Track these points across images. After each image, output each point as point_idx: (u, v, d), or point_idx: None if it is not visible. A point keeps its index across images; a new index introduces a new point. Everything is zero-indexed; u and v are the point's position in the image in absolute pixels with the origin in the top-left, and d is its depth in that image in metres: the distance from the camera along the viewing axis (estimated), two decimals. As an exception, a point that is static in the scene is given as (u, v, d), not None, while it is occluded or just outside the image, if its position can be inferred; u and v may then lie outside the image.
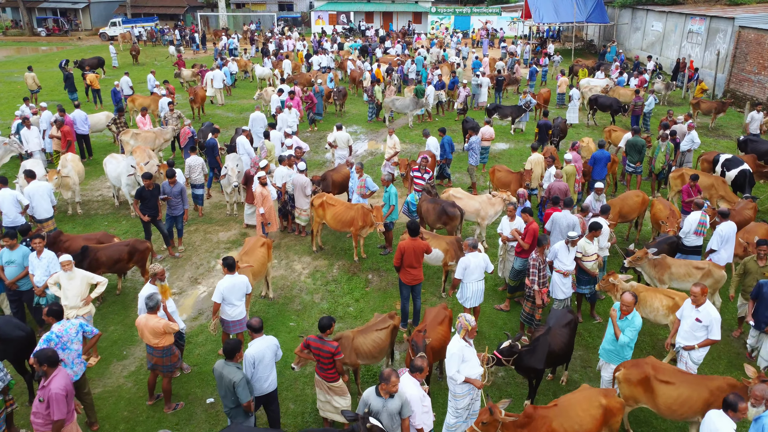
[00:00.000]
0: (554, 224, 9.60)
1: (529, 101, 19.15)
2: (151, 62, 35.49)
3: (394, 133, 14.60)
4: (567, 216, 9.55)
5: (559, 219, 9.56)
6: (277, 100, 19.23)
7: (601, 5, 37.39)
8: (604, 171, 12.79)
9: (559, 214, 9.67)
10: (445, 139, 14.33)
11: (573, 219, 9.41)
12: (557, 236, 9.31)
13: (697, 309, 6.83)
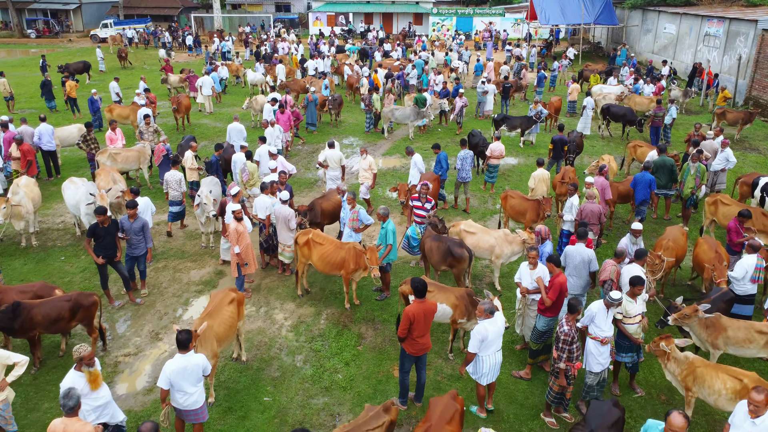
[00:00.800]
0: (566, 259, 8.22)
1: (540, 112, 17.61)
2: (140, 66, 33.98)
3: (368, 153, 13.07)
4: (581, 251, 8.08)
5: (572, 254, 8.16)
6: (270, 110, 17.77)
7: (610, 6, 35.86)
8: (646, 194, 11.26)
9: (572, 248, 8.26)
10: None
11: (587, 254, 8.06)
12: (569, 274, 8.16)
13: (754, 422, 5.17)
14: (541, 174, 12.13)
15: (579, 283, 8.20)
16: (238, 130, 15.78)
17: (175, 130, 19.57)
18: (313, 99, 18.95)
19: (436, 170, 12.78)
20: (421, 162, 12.54)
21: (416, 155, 12.57)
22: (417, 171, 12.33)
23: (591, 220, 10.09)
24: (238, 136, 15.63)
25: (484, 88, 21.18)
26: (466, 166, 12.90)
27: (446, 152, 14.35)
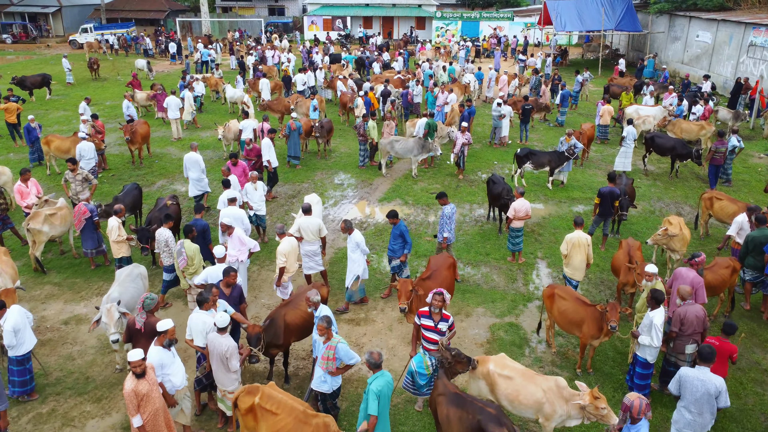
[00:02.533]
0: (683, 388, 5.92)
1: (573, 146, 14.29)
2: (113, 77, 30.71)
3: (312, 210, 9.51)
4: (706, 378, 5.81)
5: (691, 382, 5.85)
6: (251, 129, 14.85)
7: (632, 11, 32.55)
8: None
9: (693, 373, 5.85)
10: (400, 227, 9.16)
11: (715, 383, 5.77)
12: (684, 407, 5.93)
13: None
14: (579, 239, 8.91)
15: (699, 421, 5.97)
16: (194, 162, 12.62)
17: (132, 163, 16.27)
18: (296, 127, 15.65)
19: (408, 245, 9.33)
20: (362, 242, 8.95)
21: (356, 233, 8.98)
22: (359, 255, 8.96)
23: (696, 328, 6.96)
24: (196, 170, 12.45)
25: (500, 111, 17.86)
26: (446, 226, 9.94)
27: (458, 203, 11.11)
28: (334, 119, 21.66)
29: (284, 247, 8.73)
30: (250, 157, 13.42)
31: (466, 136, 14.88)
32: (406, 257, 9.17)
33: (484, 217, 12.90)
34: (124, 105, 18.00)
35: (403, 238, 9.07)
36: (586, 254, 8.94)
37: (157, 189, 14.56)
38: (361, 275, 8.99)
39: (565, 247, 9.08)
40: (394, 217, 9.08)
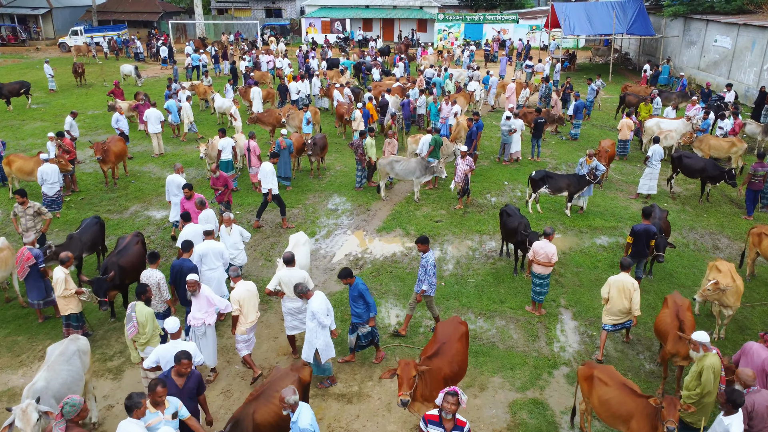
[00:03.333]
0: None
1: (595, 168, 12.77)
2: (99, 84, 29.19)
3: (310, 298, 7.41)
4: None
5: None
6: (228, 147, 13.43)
7: (644, 14, 31.03)
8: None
9: None
10: (357, 284, 7.57)
11: None
12: None
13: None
14: (624, 283, 7.70)
15: None
16: (178, 185, 11.35)
17: (106, 185, 14.75)
18: (286, 145, 14.14)
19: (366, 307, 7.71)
20: (320, 313, 7.14)
21: (314, 301, 7.19)
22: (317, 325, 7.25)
23: (766, 421, 5.50)
24: (179, 193, 11.10)
25: (510, 125, 16.32)
26: (426, 277, 8.21)
27: (465, 234, 9.62)
28: (330, 131, 20.15)
29: (239, 293, 7.39)
30: (216, 186, 11.68)
31: (467, 162, 13.09)
32: (373, 321, 7.61)
33: (495, 252, 11.37)
34: (114, 118, 16.48)
35: (364, 300, 7.48)
36: (631, 301, 7.69)
37: (129, 216, 13.04)
38: (322, 351, 7.29)
39: (606, 290, 7.88)
40: (348, 277, 7.44)
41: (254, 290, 7.57)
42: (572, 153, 17.96)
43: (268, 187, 11.89)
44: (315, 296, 7.18)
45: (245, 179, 14.99)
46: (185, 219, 9.55)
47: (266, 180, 11.87)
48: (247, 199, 13.99)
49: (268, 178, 11.86)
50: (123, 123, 16.55)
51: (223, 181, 11.64)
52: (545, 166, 16.65)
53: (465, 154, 13.10)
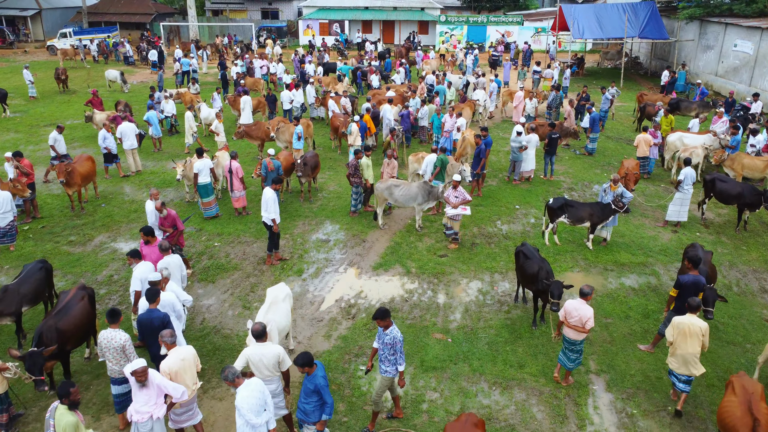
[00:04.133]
0: None
1: (621, 195, 11.24)
2: (83, 90, 27.66)
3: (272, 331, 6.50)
4: None
5: None
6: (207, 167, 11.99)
7: (657, 16, 29.49)
8: None
9: None
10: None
11: None
12: None
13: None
14: (690, 326, 6.97)
15: None
16: (150, 212, 10.17)
17: (71, 210, 13.22)
18: (274, 167, 12.62)
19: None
20: (249, 406, 5.55)
21: (241, 394, 5.60)
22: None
23: None
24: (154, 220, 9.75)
25: (521, 141, 14.79)
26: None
27: (474, 273, 8.16)
28: (324, 143, 18.64)
29: (169, 364, 5.99)
30: (164, 227, 9.94)
31: (458, 195, 11.15)
32: (323, 426, 5.91)
33: (510, 296, 9.86)
34: (101, 136, 14.87)
35: (320, 396, 5.82)
36: (701, 344, 6.90)
37: (92, 248, 11.52)
38: None
39: (671, 332, 7.09)
40: (307, 365, 5.77)
41: (191, 357, 6.14)
42: (588, 170, 16.44)
43: (270, 216, 10.42)
44: (244, 385, 5.58)
45: (227, 203, 13.46)
46: (133, 256, 8.07)
47: (268, 209, 10.40)
48: (228, 227, 12.47)
49: (270, 207, 10.39)
50: (110, 141, 14.98)
51: (171, 221, 9.85)
52: (559, 185, 15.14)
53: (456, 184, 11.31)
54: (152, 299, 7.02)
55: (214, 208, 12.88)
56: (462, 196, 11.20)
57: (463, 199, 11.20)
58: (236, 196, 12.80)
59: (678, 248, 11.59)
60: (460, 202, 11.19)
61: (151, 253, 8.44)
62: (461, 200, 11.19)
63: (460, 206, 11.16)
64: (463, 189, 11.34)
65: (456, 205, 11.14)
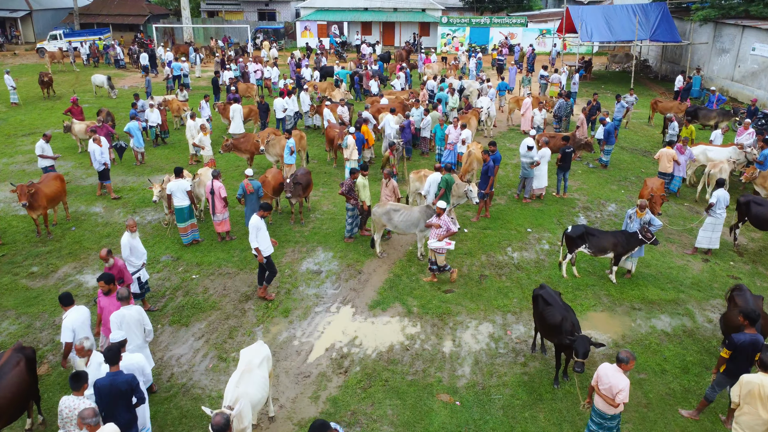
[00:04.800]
0: None
1: (648, 223, 9.98)
2: (69, 95, 26.42)
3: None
4: None
5: None
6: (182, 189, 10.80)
7: (668, 18, 28.25)
8: None
9: None
10: None
11: None
12: None
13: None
14: (761, 386, 5.84)
15: None
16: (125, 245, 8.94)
17: (39, 236, 11.96)
18: (253, 189, 11.36)
19: None
20: None
21: None
22: None
23: None
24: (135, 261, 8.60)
25: (533, 157, 13.54)
26: None
27: (484, 313, 6.93)
28: (319, 155, 17.39)
29: None
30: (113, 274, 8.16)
31: (443, 223, 9.71)
32: None
33: (525, 342, 8.60)
34: (95, 151, 13.55)
35: None
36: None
37: (55, 281, 10.27)
38: None
39: (737, 392, 6.03)
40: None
41: None
42: (604, 185, 15.18)
43: (254, 245, 9.25)
44: None
45: (208, 228, 12.21)
46: (64, 303, 6.87)
47: (253, 237, 9.20)
48: (209, 255, 11.22)
49: (255, 235, 9.19)
50: (106, 157, 13.78)
51: (117, 272, 8.19)
52: (574, 204, 13.88)
53: (441, 212, 9.82)
54: (113, 361, 5.81)
55: (191, 233, 11.61)
56: (446, 226, 9.85)
57: (447, 229, 9.84)
58: (218, 220, 11.56)
59: (712, 281, 10.35)
60: (444, 234, 9.83)
61: (110, 305, 7.17)
62: (445, 231, 9.83)
63: (445, 239, 9.84)
64: (447, 218, 9.90)
65: (441, 237, 9.82)
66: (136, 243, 9.01)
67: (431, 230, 9.92)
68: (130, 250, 8.92)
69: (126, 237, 8.89)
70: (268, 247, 9.47)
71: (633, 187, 15.17)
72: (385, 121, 16.06)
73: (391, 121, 15.97)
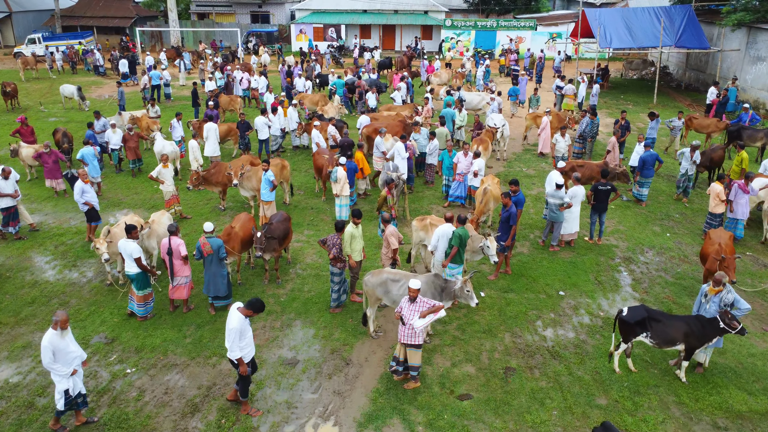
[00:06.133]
0: None
1: (731, 305, 7.47)
2: (35, 107, 23.96)
3: None
4: None
5: None
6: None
7: (695, 22, 25.77)
8: None
9: None
10: None
11: None
12: None
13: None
14: None
15: None
16: (46, 348, 6.66)
17: (-56, 300, 9.49)
18: (212, 250, 8.83)
19: None
20: None
21: None
22: None
23: None
24: (49, 362, 6.35)
25: (563, 199, 11.02)
26: None
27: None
28: (307, 184, 14.90)
29: None
30: None
31: (414, 309, 7.14)
32: None
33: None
34: (77, 189, 11.16)
35: None
36: None
37: (-55, 380, 7.78)
38: None
39: None
40: None
41: None
42: (644, 227, 12.70)
43: (235, 356, 6.77)
44: None
45: (163, 301, 9.69)
46: None
47: (235, 344, 6.71)
48: (154, 334, 8.72)
49: (237, 341, 6.72)
50: (91, 195, 11.28)
51: None
52: (612, 254, 11.38)
53: (415, 294, 7.13)
54: None
55: (147, 305, 9.09)
56: (427, 306, 7.22)
57: (432, 306, 7.19)
58: (176, 284, 9.05)
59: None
60: (428, 311, 7.15)
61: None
62: (429, 307, 7.21)
63: (429, 314, 7.27)
64: (423, 298, 7.28)
65: (425, 313, 7.14)
66: (66, 344, 6.53)
67: (407, 307, 7.32)
68: (54, 355, 6.44)
69: (49, 337, 6.42)
70: (252, 350, 7.00)
71: (679, 228, 12.67)
72: (395, 149, 13.48)
73: (401, 150, 13.40)
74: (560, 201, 11.02)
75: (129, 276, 8.81)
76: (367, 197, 14.18)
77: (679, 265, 11.04)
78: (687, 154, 13.67)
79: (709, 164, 14.69)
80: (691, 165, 13.65)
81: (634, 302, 9.70)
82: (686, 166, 13.71)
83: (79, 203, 11.21)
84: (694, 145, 13.67)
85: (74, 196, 11.23)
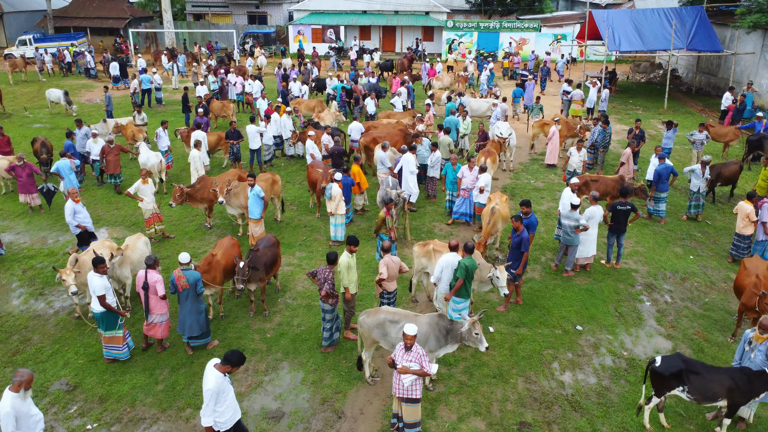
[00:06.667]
0: None
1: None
2: (19, 113, 22.99)
3: None
4: None
5: None
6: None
7: (707, 24, 24.75)
8: None
9: None
10: None
11: None
12: None
13: None
14: None
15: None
16: (6, 416, 5.60)
17: None
18: (188, 284, 7.83)
19: None
20: None
21: None
22: None
23: None
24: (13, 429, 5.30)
25: (579, 221, 10.01)
26: None
27: None
28: (302, 197, 13.90)
29: None
30: None
31: (412, 358, 6.18)
32: None
33: None
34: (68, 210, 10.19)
35: None
36: None
37: None
38: None
39: None
40: None
41: None
42: (664, 248, 11.70)
43: (206, 423, 5.77)
44: None
45: (136, 337, 8.70)
46: None
47: (210, 408, 5.71)
48: (122, 380, 7.73)
49: (214, 404, 5.72)
50: (83, 216, 10.28)
51: None
52: (633, 280, 10.39)
53: (411, 340, 6.15)
54: None
55: (124, 348, 8.06)
56: (419, 361, 6.21)
57: (416, 370, 6.19)
58: (151, 322, 8.06)
59: None
60: (417, 371, 6.21)
61: None
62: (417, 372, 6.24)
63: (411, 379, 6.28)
64: (420, 349, 6.29)
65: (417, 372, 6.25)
66: (28, 407, 5.55)
67: (401, 355, 6.33)
68: (16, 422, 5.45)
69: (11, 401, 5.44)
70: (235, 414, 5.99)
71: (703, 249, 11.67)
72: (403, 163, 12.48)
73: (410, 163, 12.41)
74: (576, 223, 10.02)
75: (94, 314, 7.82)
76: (365, 213, 13.19)
77: (707, 293, 10.04)
78: (698, 171, 12.65)
79: (715, 179, 13.44)
80: (703, 182, 12.63)
81: (660, 339, 8.71)
82: (697, 183, 12.68)
83: (71, 225, 10.24)
84: (705, 161, 12.64)
85: (65, 217, 10.25)
